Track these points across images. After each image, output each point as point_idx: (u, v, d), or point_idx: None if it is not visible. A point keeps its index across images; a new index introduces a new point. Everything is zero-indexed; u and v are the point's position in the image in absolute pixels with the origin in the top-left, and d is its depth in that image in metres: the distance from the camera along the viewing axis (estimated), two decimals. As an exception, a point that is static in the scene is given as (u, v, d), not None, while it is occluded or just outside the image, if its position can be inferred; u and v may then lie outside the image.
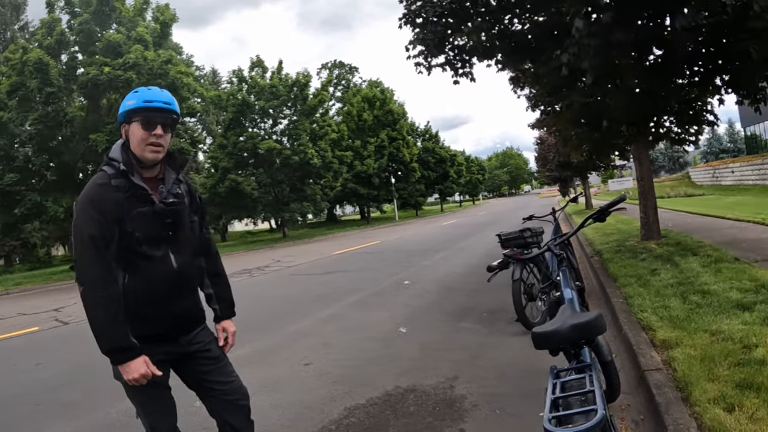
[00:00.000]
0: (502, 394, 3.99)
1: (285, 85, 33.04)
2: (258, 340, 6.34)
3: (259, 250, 26.86)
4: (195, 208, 2.55)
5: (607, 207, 3.16)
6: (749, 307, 4.79)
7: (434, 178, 60.46)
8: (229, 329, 2.66)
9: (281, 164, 32.10)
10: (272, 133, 34.09)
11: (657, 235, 10.11)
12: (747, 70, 8.16)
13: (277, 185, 32.68)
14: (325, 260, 15.99)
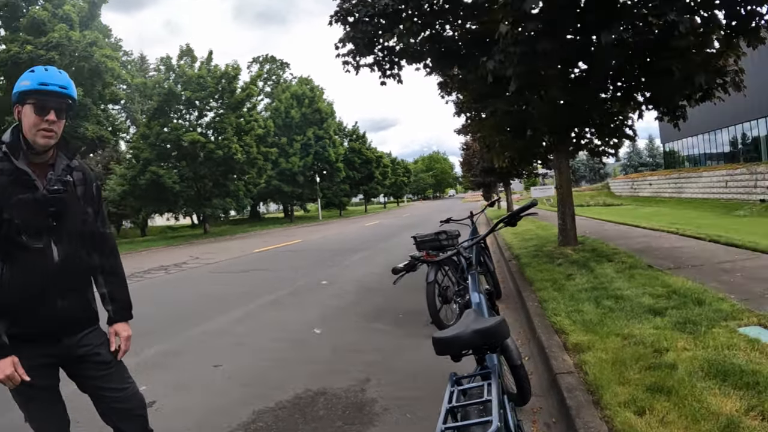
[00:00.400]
0: (414, 397, 3.95)
1: (213, 77, 32.12)
2: (168, 340, 6.08)
3: (178, 246, 25.97)
4: (89, 199, 2.34)
5: (518, 211, 3.15)
6: (661, 312, 4.98)
7: (359, 178, 60.72)
8: (122, 333, 2.44)
9: (205, 158, 31.14)
10: (197, 125, 33.05)
11: (574, 241, 10.40)
12: (668, 88, 8.53)
13: (199, 180, 31.76)
14: (245, 258, 15.68)
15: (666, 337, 4.18)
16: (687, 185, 33.69)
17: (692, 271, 7.21)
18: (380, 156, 70.28)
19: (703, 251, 9.00)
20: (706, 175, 31.09)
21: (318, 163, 48.86)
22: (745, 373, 3.27)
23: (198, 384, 4.57)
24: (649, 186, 41.23)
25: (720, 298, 5.28)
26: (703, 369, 3.44)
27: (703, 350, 3.80)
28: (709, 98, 9.12)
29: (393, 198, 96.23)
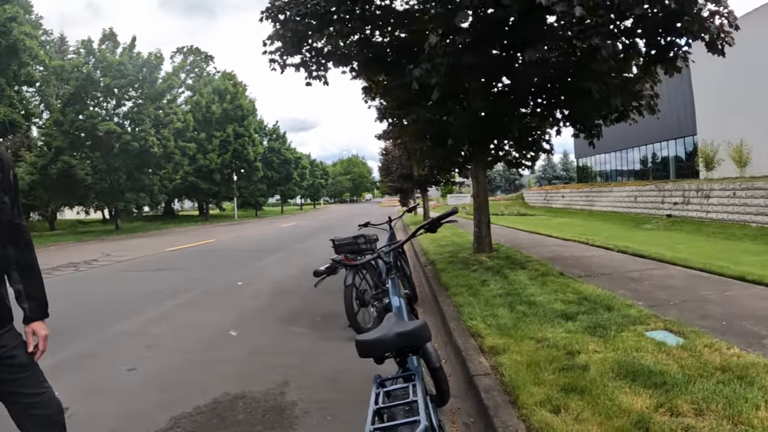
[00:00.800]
0: (335, 400, 3.94)
1: (135, 65, 30.45)
2: (79, 342, 5.76)
3: (88, 241, 24.48)
4: (6, 187, 2.15)
5: (438, 218, 3.20)
6: (572, 317, 5.21)
7: (277, 179, 59.89)
8: (40, 332, 2.27)
9: (120, 150, 29.42)
10: (114, 114, 31.07)
11: (489, 248, 10.65)
12: (586, 107, 8.91)
13: (113, 172, 29.89)
14: (159, 256, 15.10)
15: (578, 340, 4.37)
16: (598, 199, 35.45)
17: (602, 279, 7.58)
18: (299, 157, 69.73)
19: (612, 261, 9.49)
20: (617, 190, 32.81)
21: (236, 161, 47.68)
22: (654, 374, 3.48)
23: (113, 388, 4.34)
24: (561, 198, 43.09)
25: (628, 305, 5.59)
26: (614, 370, 3.62)
27: (613, 352, 4.00)
28: (625, 119, 9.68)
29: (310, 200, 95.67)
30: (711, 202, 22.41)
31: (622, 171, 45.19)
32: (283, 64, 9.67)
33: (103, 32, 31.43)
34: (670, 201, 25.72)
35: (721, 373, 3.48)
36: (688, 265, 8.50)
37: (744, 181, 21.05)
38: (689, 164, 33.35)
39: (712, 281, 7.21)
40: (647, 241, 15.62)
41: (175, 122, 33.43)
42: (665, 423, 2.84)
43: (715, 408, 2.98)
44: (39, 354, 2.26)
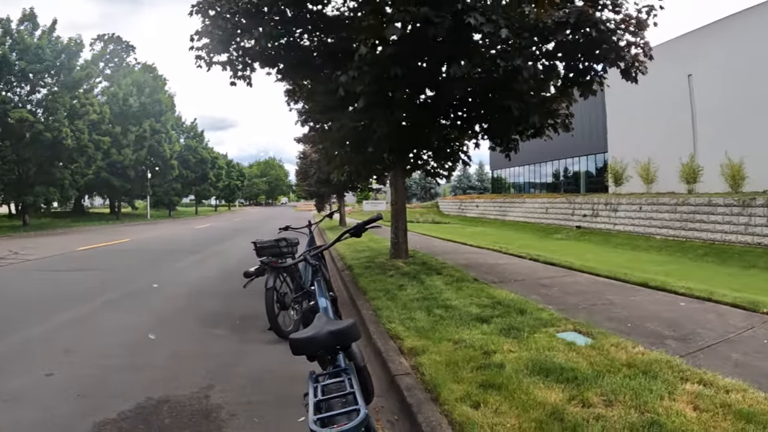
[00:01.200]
0: (260, 401, 3.95)
1: (54, 50, 28.47)
2: (-10, 347, 5.42)
3: (-7, 238, 22.87)
4: None
5: (363, 224, 3.33)
6: (487, 320, 5.46)
7: (192, 178, 58.04)
8: None
9: (31, 140, 27.33)
10: (27, 101, 29.03)
11: (405, 254, 10.87)
12: (505, 123, 9.31)
13: (22, 163, 27.89)
14: (70, 255, 14.35)
15: (493, 341, 4.61)
16: (511, 209, 36.73)
17: (515, 285, 7.94)
18: (216, 157, 68.15)
19: (524, 268, 9.94)
20: (529, 201, 34.12)
21: (151, 158, 45.88)
22: (565, 370, 3.76)
23: (29, 395, 4.12)
24: (476, 207, 44.33)
25: (540, 308, 5.94)
26: (528, 367, 3.87)
27: (527, 352, 4.26)
28: (540, 135, 10.15)
29: (225, 201, 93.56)
30: (619, 215, 23.74)
31: (535, 183, 47.23)
32: (209, 62, 9.47)
33: (24, 12, 29.22)
34: (580, 213, 27.02)
35: (627, 369, 3.80)
36: (596, 272, 9.08)
37: (650, 196, 22.46)
38: (599, 179, 35.17)
39: (617, 287, 7.75)
40: (558, 251, 16.41)
41: (91, 113, 31.73)
42: (578, 413, 3.09)
43: (623, 399, 3.27)
44: None
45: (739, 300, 6.49)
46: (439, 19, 6.77)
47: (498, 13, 6.97)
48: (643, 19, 8.06)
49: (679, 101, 27.65)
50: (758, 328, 5.27)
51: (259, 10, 8.53)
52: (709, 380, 3.58)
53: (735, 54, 24.23)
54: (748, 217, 17.01)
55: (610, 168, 29.55)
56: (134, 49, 57.85)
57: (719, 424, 2.92)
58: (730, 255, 16.02)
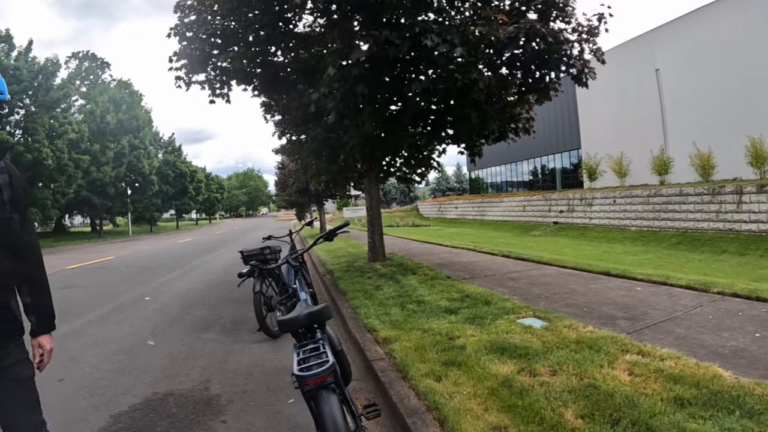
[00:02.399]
0: (252, 390, 4.45)
1: (30, 70, 28.69)
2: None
3: (-23, 260, 22.81)
4: (15, 203, 2.18)
5: (334, 230, 3.93)
6: (455, 311, 6.00)
7: (172, 193, 57.94)
8: (46, 346, 2.33)
9: (11, 161, 27.12)
10: (6, 123, 28.98)
11: (382, 257, 11.34)
12: (467, 130, 9.82)
13: None
14: (58, 274, 14.53)
15: (458, 328, 5.14)
16: (489, 209, 37.38)
17: (484, 280, 8.45)
18: (195, 170, 67.87)
19: (495, 264, 10.45)
20: (507, 200, 34.75)
21: (131, 174, 45.87)
22: (519, 348, 4.28)
23: (46, 398, 4.36)
24: (455, 209, 45.01)
25: (505, 299, 6.46)
26: (487, 348, 4.38)
27: (487, 335, 4.78)
28: (504, 139, 10.74)
29: (205, 215, 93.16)
30: (594, 209, 24.38)
31: (512, 182, 47.94)
32: (188, 82, 9.85)
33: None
34: (557, 209, 27.66)
35: (575, 345, 4.31)
36: (562, 264, 9.63)
37: (623, 189, 23.11)
38: (575, 175, 35.83)
39: (581, 277, 8.28)
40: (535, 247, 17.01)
41: (70, 133, 31.85)
42: (525, 381, 3.59)
43: (567, 369, 3.77)
44: (43, 366, 2.32)
45: (693, 282, 7.03)
46: (399, 40, 7.31)
47: (453, 33, 7.51)
48: (595, 26, 8.64)
49: (648, 95, 28.45)
50: (706, 306, 5.79)
51: (233, 31, 8.95)
52: (648, 351, 4.08)
53: (701, 46, 25.05)
54: (718, 205, 17.67)
55: (584, 164, 30.23)
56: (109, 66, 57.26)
57: (650, 385, 3.39)
58: (703, 242, 16.69)
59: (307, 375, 2.27)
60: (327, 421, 2.22)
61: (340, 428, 2.20)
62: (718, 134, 22.44)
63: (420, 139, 10.94)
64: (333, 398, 2.31)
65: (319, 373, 2.27)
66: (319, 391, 2.31)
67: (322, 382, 2.31)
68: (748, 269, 11.55)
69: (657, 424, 2.82)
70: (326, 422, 2.22)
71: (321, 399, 2.29)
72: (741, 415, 2.88)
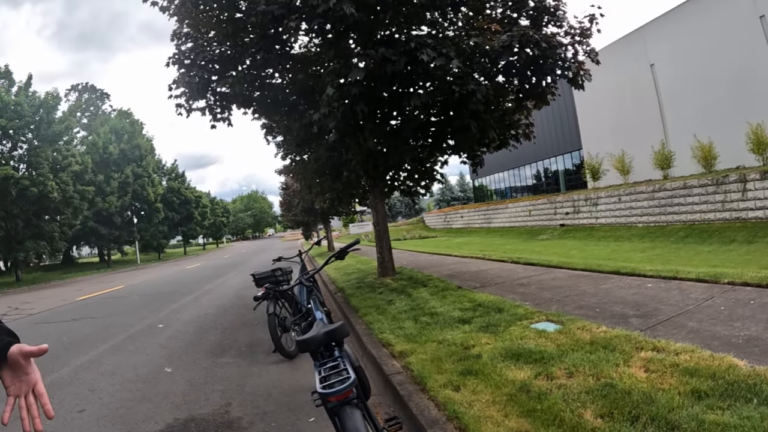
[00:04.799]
0: (273, 411, 4.48)
1: (32, 105, 28.73)
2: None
3: (-10, 295, 22.94)
4: None
5: (345, 248, 3.95)
6: (468, 320, 6.04)
7: (178, 219, 58.26)
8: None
9: (17, 195, 27.40)
10: (10, 158, 29.23)
11: (392, 272, 11.35)
12: (468, 140, 9.90)
13: (11, 219, 28.09)
14: (69, 306, 14.65)
15: (472, 337, 5.18)
16: (495, 216, 37.40)
17: (495, 288, 8.48)
18: (199, 196, 68.23)
19: (505, 271, 10.48)
20: (512, 206, 34.77)
21: (136, 203, 46.17)
22: (534, 353, 4.31)
23: (68, 429, 4.54)
24: (460, 218, 45.05)
25: (516, 305, 6.50)
26: (502, 355, 4.42)
27: (502, 342, 4.82)
28: (505, 147, 10.84)
29: (212, 239, 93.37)
30: (599, 209, 24.38)
31: (516, 188, 48.02)
32: (189, 109, 9.95)
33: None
34: (562, 212, 27.67)
35: (590, 346, 4.34)
36: (572, 266, 9.65)
37: (627, 187, 23.15)
38: (578, 176, 35.91)
39: (591, 278, 8.30)
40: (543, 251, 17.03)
41: (73, 165, 31.84)
42: (543, 385, 3.63)
43: (583, 370, 3.80)
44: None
45: (702, 275, 7.06)
46: (395, 56, 7.43)
47: (448, 45, 7.63)
48: (587, 28, 8.74)
49: (645, 91, 28.53)
50: (717, 298, 5.82)
51: (230, 56, 9.07)
52: (662, 347, 4.11)
53: (693, 38, 25.18)
54: (723, 194, 17.70)
55: (586, 164, 30.29)
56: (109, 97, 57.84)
57: (666, 380, 3.42)
58: (710, 233, 16.69)
59: (330, 392, 2.33)
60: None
61: None
62: (717, 124, 22.49)
63: (421, 151, 11.00)
64: (356, 413, 2.35)
65: (341, 389, 2.33)
66: (342, 407, 2.36)
67: (345, 398, 2.37)
68: (757, 256, 11.55)
69: (676, 418, 2.85)
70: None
71: (345, 415, 2.33)
72: (759, 403, 2.91)
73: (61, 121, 31.09)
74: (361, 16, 7.19)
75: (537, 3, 8.57)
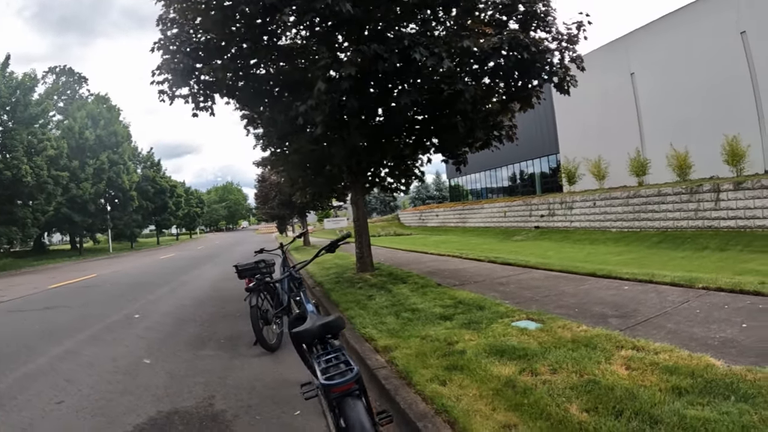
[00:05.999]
0: (257, 404, 4.46)
1: (8, 86, 28.07)
2: (-9, 383, 5.63)
3: (-43, 282, 22.34)
4: None
5: (336, 241, 3.98)
6: (450, 317, 6.13)
7: (152, 209, 57.27)
8: None
9: None
10: None
11: (371, 267, 11.39)
12: (454, 139, 10.01)
13: None
14: (41, 294, 14.34)
15: (455, 333, 5.26)
16: (470, 216, 37.68)
17: (475, 286, 8.60)
18: (174, 185, 67.27)
19: (483, 270, 10.63)
20: (488, 206, 35.06)
21: (110, 190, 45.30)
22: (517, 350, 4.40)
23: (47, 421, 4.43)
24: (436, 217, 45.30)
25: (497, 303, 6.61)
26: (486, 351, 4.50)
27: (485, 339, 4.92)
28: (488, 146, 10.92)
29: (186, 230, 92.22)
30: (574, 212, 24.71)
31: (492, 188, 48.38)
32: (172, 96, 9.81)
33: (-25, 50, 28.86)
34: (537, 214, 27.98)
35: (571, 344, 4.46)
36: (550, 267, 9.82)
37: (603, 192, 23.48)
38: (554, 179, 36.31)
39: (569, 279, 8.47)
40: (519, 251, 17.21)
41: (49, 149, 31.25)
42: (528, 381, 3.72)
43: (566, 367, 3.91)
44: None
45: (678, 279, 7.30)
46: (387, 54, 7.45)
47: (440, 45, 7.68)
48: (574, 34, 8.87)
49: (624, 99, 28.98)
50: (693, 301, 6.03)
51: (216, 44, 8.99)
52: (642, 346, 4.25)
53: (674, 50, 25.67)
54: (697, 203, 18.09)
55: (563, 168, 30.65)
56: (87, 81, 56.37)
57: (647, 377, 3.56)
58: (683, 240, 17.03)
59: (334, 383, 2.35)
60: (355, 426, 2.28)
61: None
62: (693, 134, 22.94)
63: (405, 148, 11.05)
64: (359, 404, 2.38)
65: (346, 381, 2.36)
66: (344, 398, 2.38)
67: (348, 389, 2.38)
68: (729, 264, 11.83)
69: (658, 413, 2.96)
70: (354, 428, 2.28)
71: (347, 406, 2.35)
72: (736, 400, 3.05)
73: (38, 103, 30.46)
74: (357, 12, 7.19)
75: (527, 7, 8.64)
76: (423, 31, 8.43)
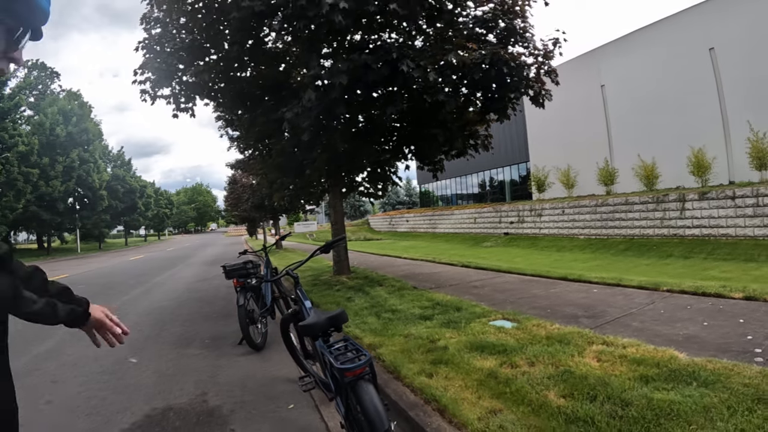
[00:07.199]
0: (251, 399, 4.56)
1: None
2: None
3: None
4: None
5: (331, 242, 4.17)
6: (429, 317, 6.45)
7: (122, 209, 56.62)
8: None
9: None
10: None
11: (347, 270, 11.65)
12: (433, 148, 10.34)
13: None
14: (12, 293, 14.09)
15: (437, 332, 5.58)
16: (440, 222, 38.00)
17: (450, 289, 8.94)
18: (144, 185, 66.74)
19: (457, 274, 10.97)
20: (458, 213, 35.38)
21: (80, 189, 44.75)
22: (496, 346, 4.73)
23: (38, 421, 4.34)
24: (406, 222, 45.56)
25: (474, 305, 6.96)
26: (467, 347, 4.83)
27: (465, 336, 5.25)
28: (464, 155, 11.24)
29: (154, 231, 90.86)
30: (543, 219, 25.18)
31: (462, 195, 48.83)
32: (153, 96, 9.89)
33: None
34: (507, 221, 28.41)
35: (546, 340, 4.82)
36: (521, 272, 10.20)
37: (571, 200, 23.98)
38: (524, 187, 36.85)
39: (540, 283, 8.84)
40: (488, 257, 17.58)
41: (20, 145, 30.75)
42: (508, 372, 4.05)
43: (543, 360, 4.25)
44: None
45: (644, 282, 7.76)
46: (375, 65, 7.73)
47: (426, 58, 8.02)
48: (550, 50, 9.26)
49: (595, 110, 29.68)
50: (658, 303, 6.46)
51: (200, 45, 9.09)
52: (611, 341, 4.63)
53: (645, 63, 26.44)
54: (663, 212, 18.67)
55: (532, 176, 31.16)
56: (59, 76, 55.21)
57: (617, 368, 3.92)
58: (649, 247, 17.57)
59: (348, 367, 2.58)
60: (369, 408, 2.49)
61: (381, 414, 2.47)
62: (660, 146, 23.67)
63: (384, 154, 11.29)
64: (371, 387, 2.60)
65: (360, 365, 2.59)
66: (358, 381, 2.58)
67: (361, 373, 2.59)
68: (693, 271, 12.32)
69: (628, 397, 3.30)
70: (368, 409, 2.49)
71: (361, 389, 2.57)
72: (698, 385, 3.41)
73: (10, 97, 30.05)
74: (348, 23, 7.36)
75: (507, 24, 8.99)
76: (410, 45, 8.73)
